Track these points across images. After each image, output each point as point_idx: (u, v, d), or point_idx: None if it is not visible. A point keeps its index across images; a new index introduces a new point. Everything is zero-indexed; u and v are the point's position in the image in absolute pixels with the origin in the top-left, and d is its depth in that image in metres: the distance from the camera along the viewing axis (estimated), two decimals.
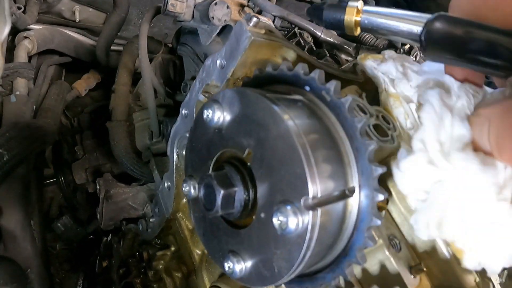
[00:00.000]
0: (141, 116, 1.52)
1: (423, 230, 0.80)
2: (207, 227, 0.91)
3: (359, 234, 0.80)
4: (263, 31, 1.05)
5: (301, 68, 0.84)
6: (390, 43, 1.50)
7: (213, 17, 1.24)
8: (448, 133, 0.75)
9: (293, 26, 1.53)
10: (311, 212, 0.71)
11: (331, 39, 1.48)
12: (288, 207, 0.71)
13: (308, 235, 0.72)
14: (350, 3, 0.86)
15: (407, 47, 1.60)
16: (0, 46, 0.91)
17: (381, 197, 0.79)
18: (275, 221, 0.72)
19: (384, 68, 0.95)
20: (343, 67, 1.49)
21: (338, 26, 0.87)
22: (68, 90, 1.82)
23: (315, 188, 0.71)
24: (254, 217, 0.82)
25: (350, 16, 0.86)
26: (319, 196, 0.72)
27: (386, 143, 0.91)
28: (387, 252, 0.91)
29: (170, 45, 1.67)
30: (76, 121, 1.94)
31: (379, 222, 0.78)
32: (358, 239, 0.80)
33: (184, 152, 1.25)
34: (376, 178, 0.76)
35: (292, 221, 0.70)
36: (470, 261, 0.76)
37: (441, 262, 0.91)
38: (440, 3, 2.16)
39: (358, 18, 0.85)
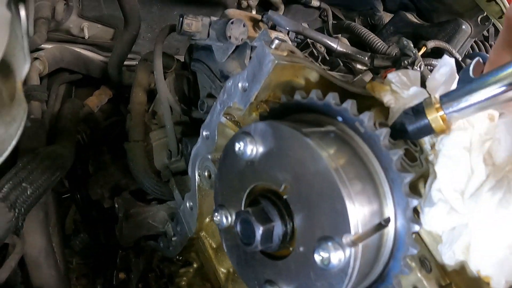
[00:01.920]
0: (158, 135, 1.51)
1: (449, 258, 0.84)
2: (241, 256, 0.91)
3: (396, 262, 0.82)
4: (285, 53, 1.04)
5: (332, 98, 0.83)
6: (402, 52, 1.49)
7: (230, 36, 1.23)
8: (464, 182, 0.78)
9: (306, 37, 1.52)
10: (352, 248, 0.71)
11: (346, 50, 1.47)
12: (330, 244, 0.71)
13: (350, 270, 0.72)
14: (426, 101, 0.79)
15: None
16: (21, 87, 0.90)
17: (417, 228, 0.80)
18: (317, 256, 0.72)
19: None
20: (357, 77, 1.48)
21: (428, 131, 0.80)
22: (80, 107, 1.81)
23: (356, 224, 0.71)
24: (291, 248, 0.82)
25: (433, 116, 0.78)
26: (360, 231, 0.72)
27: (415, 167, 0.91)
28: (419, 274, 0.92)
29: (181, 59, 1.66)
30: (88, 137, 1.93)
31: (415, 251, 0.80)
32: (395, 267, 0.82)
33: (206, 174, 1.24)
34: (412, 210, 0.77)
35: (334, 257, 0.71)
36: (498, 285, 0.79)
37: (470, 281, 0.92)
38: (447, 4, 2.15)
39: (442, 113, 0.77)
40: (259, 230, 0.76)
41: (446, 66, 1.01)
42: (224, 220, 0.92)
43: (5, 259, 1.35)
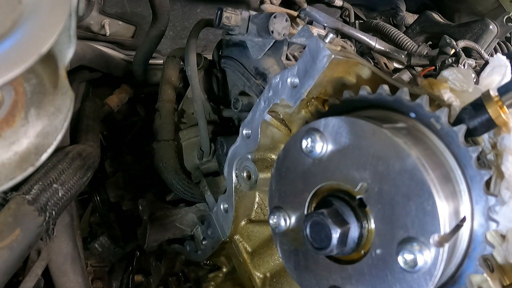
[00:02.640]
0: (188, 134, 1.46)
1: None
2: (301, 261, 0.87)
3: (471, 262, 0.79)
4: (339, 48, 1.00)
5: (404, 94, 0.79)
6: (441, 50, 1.46)
7: (272, 31, 1.19)
8: None
9: (338, 34, 1.49)
10: (439, 249, 0.68)
11: (384, 48, 1.43)
12: (415, 245, 0.68)
13: (436, 271, 0.69)
14: (484, 95, 0.76)
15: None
16: (65, 74, 0.84)
17: (494, 225, 0.77)
18: (400, 259, 0.69)
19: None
20: (395, 75, 1.45)
21: (489, 126, 0.77)
22: (101, 106, 1.75)
23: (445, 224, 0.68)
24: (362, 251, 0.78)
25: (493, 109, 0.76)
26: (447, 232, 0.69)
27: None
28: (485, 274, 0.88)
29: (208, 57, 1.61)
30: (106, 137, 1.87)
31: (491, 250, 0.77)
32: (469, 267, 0.80)
33: (244, 174, 1.20)
34: (490, 208, 0.74)
35: (420, 258, 0.68)
36: None
37: None
38: (469, 4, 2.13)
39: (502, 105, 0.75)
40: (336, 233, 0.71)
41: (500, 65, 0.98)
42: (282, 223, 0.87)
43: (26, 266, 1.28)
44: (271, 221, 0.89)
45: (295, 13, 1.38)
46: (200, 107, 1.33)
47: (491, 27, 1.85)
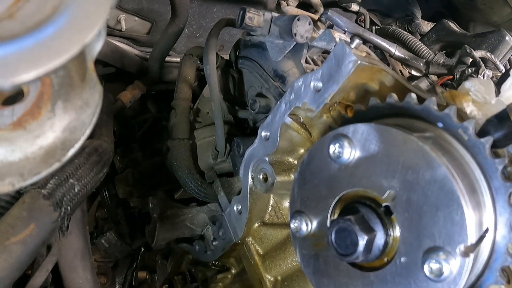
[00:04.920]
0: (204, 133, 1.45)
1: None
2: (320, 266, 0.86)
3: (491, 273, 0.80)
4: (364, 54, 1.00)
5: (432, 103, 0.79)
6: (460, 59, 1.45)
7: (295, 34, 1.18)
8: None
9: None
10: (465, 258, 0.68)
11: (403, 55, 1.43)
12: (441, 254, 0.68)
13: (461, 281, 0.69)
14: (510, 106, 0.77)
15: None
16: (93, 67, 0.82)
17: None
18: (426, 268, 0.69)
19: None
20: (413, 83, 1.44)
21: None
22: (113, 102, 1.75)
23: (472, 235, 0.67)
24: (386, 259, 0.77)
25: None
26: (473, 242, 0.68)
27: None
28: (503, 286, 0.88)
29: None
30: (117, 134, 1.86)
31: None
32: (489, 278, 0.80)
33: (261, 176, 1.19)
34: None
35: (446, 268, 0.68)
36: None
37: None
38: (485, 14, 2.13)
39: None
40: (363, 240, 0.71)
41: None
42: (304, 227, 0.87)
43: (35, 260, 1.27)
44: (292, 225, 0.89)
45: (315, 17, 1.38)
46: (217, 106, 1.32)
47: (507, 38, 1.85)
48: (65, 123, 0.78)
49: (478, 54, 1.66)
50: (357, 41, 0.97)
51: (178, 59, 1.73)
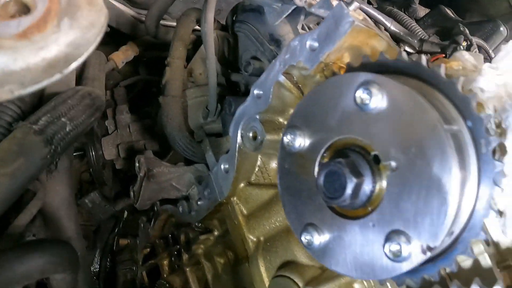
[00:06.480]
0: (195, 93, 1.45)
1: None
2: (295, 186, 0.88)
3: (461, 245, 0.78)
4: (361, 17, 1.01)
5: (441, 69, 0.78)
6: (453, 39, 1.48)
7: None
8: None
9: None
10: (423, 254, 0.70)
11: (398, 30, 1.44)
12: (402, 238, 0.70)
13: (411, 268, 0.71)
14: None
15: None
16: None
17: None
18: (387, 247, 0.72)
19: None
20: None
21: None
22: (105, 60, 1.73)
23: (442, 239, 0.69)
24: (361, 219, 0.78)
25: None
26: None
27: None
28: (482, 247, 0.90)
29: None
30: (109, 95, 1.85)
31: (485, 236, 0.77)
32: (458, 249, 0.78)
33: (250, 135, 1.19)
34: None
35: (404, 251, 0.70)
36: None
37: None
38: (483, 5, 2.16)
39: None
40: (352, 183, 0.72)
41: None
42: (297, 144, 0.87)
43: (21, 206, 1.26)
44: (285, 138, 0.89)
45: None
46: (212, 64, 1.32)
47: (501, 29, 1.88)
48: (70, 39, 0.79)
49: (473, 40, 1.68)
50: (355, 3, 0.99)
51: (174, 23, 1.72)
